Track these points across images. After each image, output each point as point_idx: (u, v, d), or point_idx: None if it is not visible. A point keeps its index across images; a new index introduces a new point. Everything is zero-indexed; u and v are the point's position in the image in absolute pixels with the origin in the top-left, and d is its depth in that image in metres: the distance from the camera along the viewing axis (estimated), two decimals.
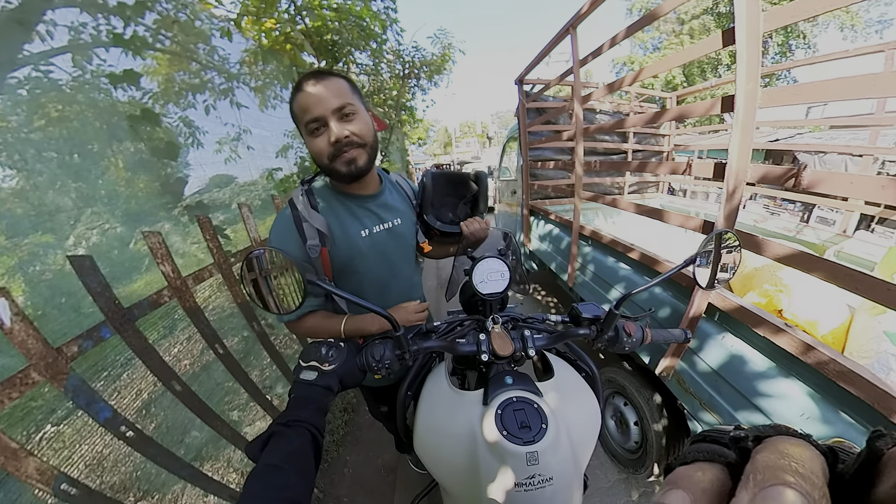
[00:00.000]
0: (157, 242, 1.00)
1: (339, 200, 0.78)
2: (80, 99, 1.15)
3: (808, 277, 0.72)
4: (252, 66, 2.11)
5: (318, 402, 0.50)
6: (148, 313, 0.99)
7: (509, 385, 0.57)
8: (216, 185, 1.93)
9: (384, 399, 1.01)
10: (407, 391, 0.73)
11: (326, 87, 0.66)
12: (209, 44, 1.72)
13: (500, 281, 0.69)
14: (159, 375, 0.99)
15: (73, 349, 0.84)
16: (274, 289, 0.52)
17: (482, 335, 0.62)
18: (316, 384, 0.51)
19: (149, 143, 1.23)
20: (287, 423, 0.45)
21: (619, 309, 0.59)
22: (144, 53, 1.27)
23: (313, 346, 0.56)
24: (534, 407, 0.52)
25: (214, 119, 1.78)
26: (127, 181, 1.25)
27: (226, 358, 1.24)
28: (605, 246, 1.59)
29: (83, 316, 1.04)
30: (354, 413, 2.00)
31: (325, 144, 0.67)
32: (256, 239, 1.47)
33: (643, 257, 1.31)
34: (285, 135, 2.44)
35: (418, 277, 0.99)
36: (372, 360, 0.56)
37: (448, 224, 0.92)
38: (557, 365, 0.67)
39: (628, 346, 0.63)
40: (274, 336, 1.64)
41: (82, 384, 0.82)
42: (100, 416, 0.84)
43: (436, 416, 0.61)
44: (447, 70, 4.17)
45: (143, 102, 1.26)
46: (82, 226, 1.16)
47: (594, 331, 0.63)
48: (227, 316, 1.41)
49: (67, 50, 1.10)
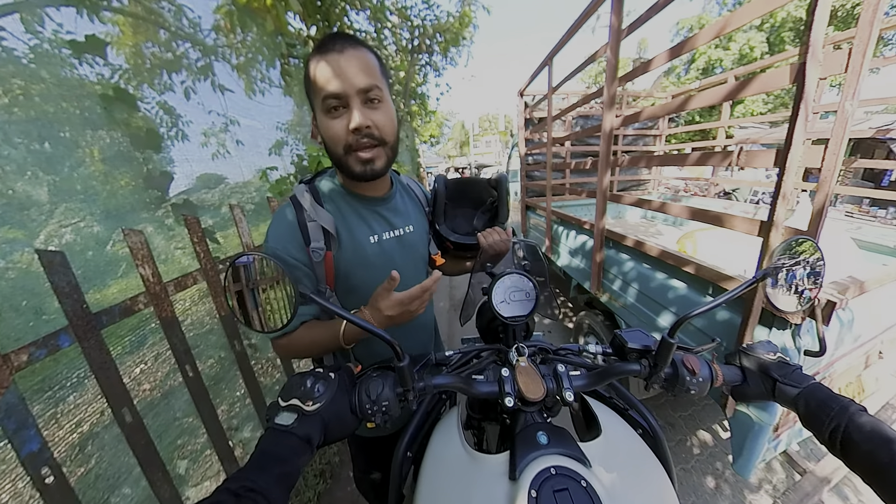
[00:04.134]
0: (139, 242, 0.97)
1: (346, 201, 0.75)
2: (44, 75, 1.07)
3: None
4: (229, 33, 1.91)
5: (289, 462, 0.41)
6: (117, 321, 0.92)
7: (544, 447, 0.47)
8: (204, 183, 1.89)
9: (380, 458, 0.90)
10: (406, 451, 0.64)
11: (355, 58, 0.60)
12: (174, 2, 1.58)
13: (524, 302, 0.63)
14: (111, 400, 0.94)
15: (21, 358, 0.78)
16: (261, 302, 0.48)
17: (504, 370, 0.55)
18: (293, 433, 0.43)
19: (126, 130, 1.17)
20: (237, 492, 0.36)
21: (675, 336, 0.50)
22: (101, 14, 1.17)
23: (297, 377, 0.49)
24: (582, 486, 0.42)
25: (196, 106, 1.70)
26: (104, 175, 1.19)
27: (194, 382, 1.16)
28: (645, 255, 1.54)
29: (43, 322, 0.96)
30: (333, 481, 1.71)
31: (342, 129, 0.62)
32: (249, 244, 1.43)
33: (679, 262, 1.28)
34: (278, 128, 2.33)
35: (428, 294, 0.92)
36: (367, 400, 0.48)
37: (464, 235, 0.86)
38: (605, 417, 0.58)
39: (695, 390, 0.53)
40: (255, 361, 1.53)
41: (19, 403, 0.77)
42: (23, 449, 0.76)
43: (444, 493, 0.51)
44: (467, 40, 3.61)
45: (113, 82, 1.18)
46: (55, 222, 1.11)
47: (646, 366, 0.54)
48: (206, 332, 1.33)
49: (14, 9, 1.01)
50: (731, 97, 0.95)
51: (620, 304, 1.69)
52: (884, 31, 0.75)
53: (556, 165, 2.53)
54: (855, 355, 1.20)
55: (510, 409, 0.52)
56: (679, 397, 0.56)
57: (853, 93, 0.68)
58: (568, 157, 3.41)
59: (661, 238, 2.89)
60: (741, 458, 1.12)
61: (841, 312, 1.07)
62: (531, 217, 3.29)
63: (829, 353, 1.08)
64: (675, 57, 1.12)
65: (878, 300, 1.18)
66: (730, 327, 1.08)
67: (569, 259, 2.33)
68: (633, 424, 0.61)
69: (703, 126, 3.45)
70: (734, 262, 1.40)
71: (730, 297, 0.51)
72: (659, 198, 3.75)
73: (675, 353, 0.54)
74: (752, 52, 9.30)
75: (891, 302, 1.23)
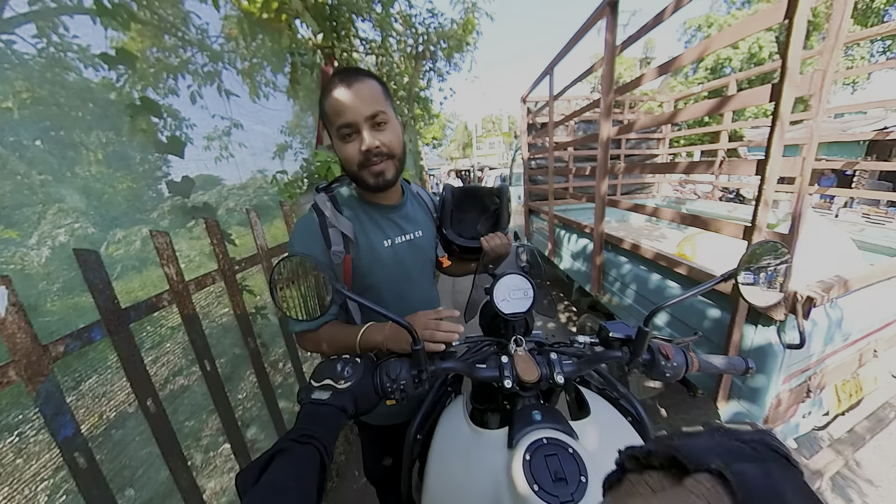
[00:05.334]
0: (165, 243, 1.06)
1: (362, 209, 0.85)
2: (73, 84, 1.15)
3: None
4: (237, 40, 1.95)
5: (331, 421, 0.50)
6: (144, 317, 1.00)
7: (538, 422, 0.55)
8: (208, 185, 1.93)
9: (390, 443, 0.99)
10: (416, 434, 0.72)
11: (361, 91, 0.71)
12: (180, 6, 1.61)
13: (523, 299, 0.70)
14: (137, 390, 1.02)
15: (58, 349, 0.86)
16: (301, 295, 0.56)
17: (504, 358, 0.63)
18: (330, 404, 0.51)
19: (151, 137, 1.25)
20: (297, 439, 0.44)
21: (649, 325, 0.59)
22: (130, 26, 1.20)
23: (327, 363, 0.58)
24: (569, 452, 0.49)
25: (200, 109, 1.72)
26: (119, 179, 1.26)
27: (212, 377, 1.23)
28: (642, 258, 1.61)
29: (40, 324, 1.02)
30: (340, 479, 1.82)
31: (355, 152, 0.73)
32: (263, 247, 1.51)
33: (672, 263, 1.35)
34: (282, 132, 2.40)
35: (435, 293, 1.04)
36: (387, 380, 0.57)
37: (468, 240, 0.95)
38: (595, 402, 0.66)
39: (670, 373, 0.62)
40: (269, 365, 1.61)
41: (56, 391, 0.84)
42: (60, 433, 0.83)
43: (451, 464, 0.59)
44: (470, 46, 3.71)
45: (131, 91, 1.25)
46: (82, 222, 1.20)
47: (626, 353, 0.62)
48: (222, 329, 1.41)
49: (31, 19, 1.07)
50: (714, 111, 1.03)
51: (620, 305, 1.77)
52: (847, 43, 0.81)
53: (558, 170, 2.63)
54: (847, 352, 1.26)
55: (509, 392, 0.60)
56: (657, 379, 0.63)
57: (818, 111, 0.76)
58: (571, 162, 3.47)
59: (664, 241, 2.96)
60: None
61: (830, 310, 1.14)
62: (535, 221, 3.37)
63: (818, 349, 1.15)
64: (664, 74, 1.21)
65: (870, 299, 1.24)
66: (720, 325, 1.15)
67: (571, 262, 2.41)
68: (623, 413, 0.69)
69: (707, 130, 3.51)
70: (732, 263, 1.46)
71: (697, 293, 0.59)
72: (664, 201, 3.81)
73: (652, 341, 0.62)
74: (761, 51, 9.45)
75: (884, 301, 1.29)
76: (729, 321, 1.08)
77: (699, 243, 2.01)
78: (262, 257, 1.52)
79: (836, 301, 1.11)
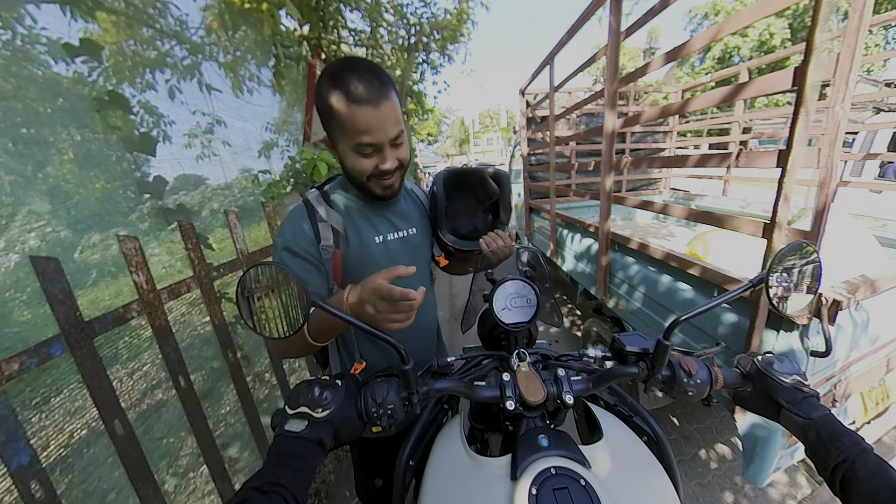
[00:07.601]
0: (133, 248, 1.02)
1: (354, 204, 0.85)
2: (38, 77, 1.09)
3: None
4: (217, 31, 1.89)
5: (305, 461, 0.45)
6: (109, 330, 0.95)
7: (545, 448, 0.51)
8: (189, 185, 1.89)
9: (382, 460, 0.95)
10: (408, 460, 0.67)
11: (387, 112, 0.68)
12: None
13: (525, 308, 0.66)
14: (103, 410, 0.97)
15: (12, 367, 0.81)
16: (271, 308, 0.51)
17: (506, 375, 0.58)
18: (305, 437, 0.47)
19: (121, 134, 1.21)
20: (261, 488, 0.40)
21: (670, 338, 0.54)
22: (88, 13, 1.13)
23: (305, 385, 0.52)
24: (580, 484, 0.45)
25: (180, 105, 1.68)
26: (91, 179, 1.22)
27: (187, 394, 1.18)
28: (650, 258, 1.56)
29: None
30: (329, 500, 1.79)
31: (370, 166, 0.73)
32: (244, 251, 1.46)
33: (684, 264, 1.31)
34: (267, 129, 2.36)
35: (432, 295, 1.01)
36: (372, 404, 0.52)
37: (466, 240, 0.90)
38: (607, 422, 0.62)
39: (693, 391, 0.57)
40: (252, 377, 1.56)
41: (9, 414, 0.79)
42: (13, 461, 0.79)
43: (447, 497, 0.55)
44: (465, 37, 3.68)
45: (101, 85, 1.20)
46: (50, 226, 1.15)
47: (644, 368, 0.57)
48: (200, 341, 1.36)
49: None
50: (729, 100, 0.99)
51: (628, 309, 1.73)
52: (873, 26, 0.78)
53: (560, 166, 2.58)
54: (874, 358, 1.22)
55: (511, 414, 0.55)
56: (679, 399, 0.58)
57: (842, 97, 0.72)
58: (573, 158, 3.45)
59: (672, 240, 2.93)
60: (752, 464, 1.15)
61: (855, 313, 1.10)
62: (535, 220, 3.33)
63: (844, 355, 1.11)
64: (672, 61, 1.17)
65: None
66: (738, 330, 1.11)
67: (574, 263, 2.37)
68: (638, 432, 0.65)
69: (716, 123, 3.47)
70: (747, 262, 1.43)
71: (723, 301, 0.55)
72: (671, 197, 3.78)
73: (672, 355, 0.57)
74: (771, 38, 9.25)
75: None
76: (748, 326, 1.04)
77: (711, 242, 1.97)
78: (243, 262, 1.48)
79: (862, 303, 1.07)
